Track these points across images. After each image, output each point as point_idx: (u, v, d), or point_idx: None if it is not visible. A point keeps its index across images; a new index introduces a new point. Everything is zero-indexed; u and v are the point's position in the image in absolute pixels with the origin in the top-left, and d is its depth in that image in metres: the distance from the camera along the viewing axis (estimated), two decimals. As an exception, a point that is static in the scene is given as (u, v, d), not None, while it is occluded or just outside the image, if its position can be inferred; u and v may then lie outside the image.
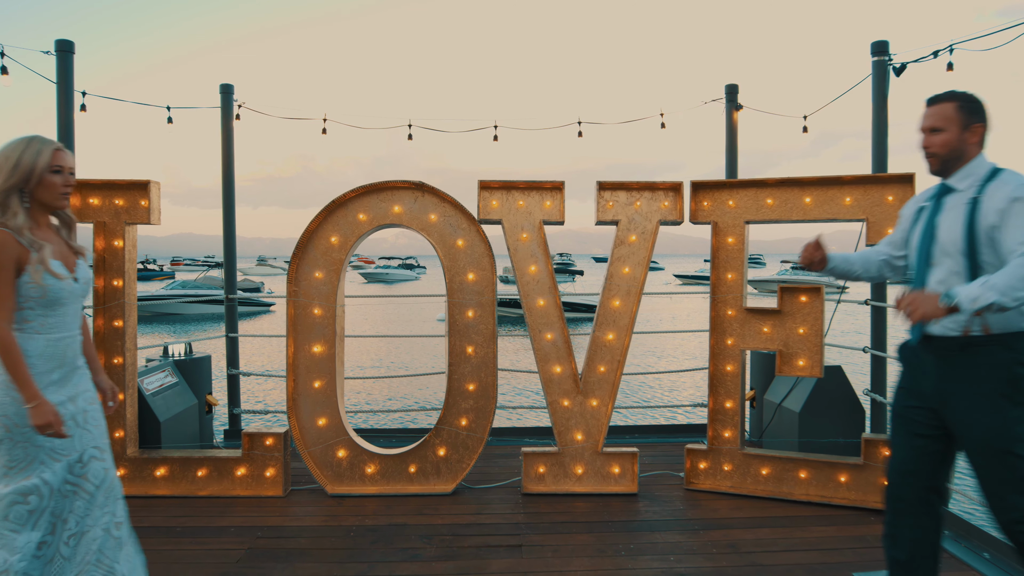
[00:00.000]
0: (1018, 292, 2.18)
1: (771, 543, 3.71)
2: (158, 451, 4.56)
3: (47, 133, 2.62)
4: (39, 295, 2.38)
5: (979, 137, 2.52)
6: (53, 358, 2.44)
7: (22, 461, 2.36)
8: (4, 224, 2.36)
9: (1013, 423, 2.35)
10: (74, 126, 4.49)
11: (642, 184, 4.51)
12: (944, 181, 2.58)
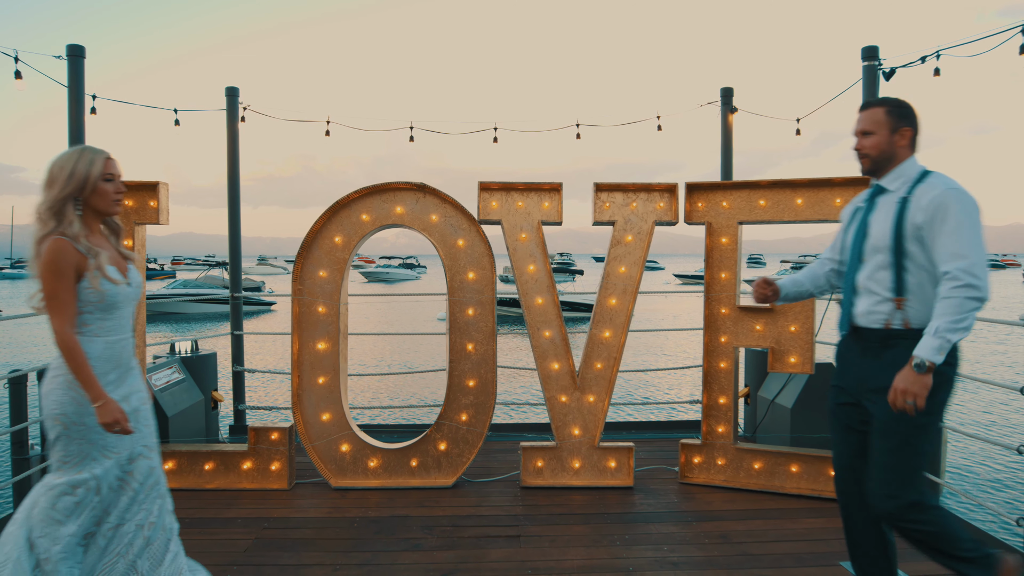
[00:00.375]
0: (964, 323, 2.38)
1: (762, 534, 3.83)
2: (166, 445, 4.68)
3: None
4: (97, 300, 2.49)
5: (908, 140, 2.67)
6: (110, 360, 2.55)
7: (75, 456, 2.48)
8: (62, 232, 2.45)
9: (920, 413, 2.48)
10: (85, 128, 4.60)
11: (638, 185, 4.63)
12: (877, 182, 2.73)
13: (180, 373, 5.32)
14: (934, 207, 2.47)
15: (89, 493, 2.49)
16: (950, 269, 2.41)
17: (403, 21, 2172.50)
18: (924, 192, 2.53)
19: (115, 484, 2.56)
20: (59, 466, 2.51)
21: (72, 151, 2.54)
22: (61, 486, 2.48)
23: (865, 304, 2.67)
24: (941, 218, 2.45)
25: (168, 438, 4.86)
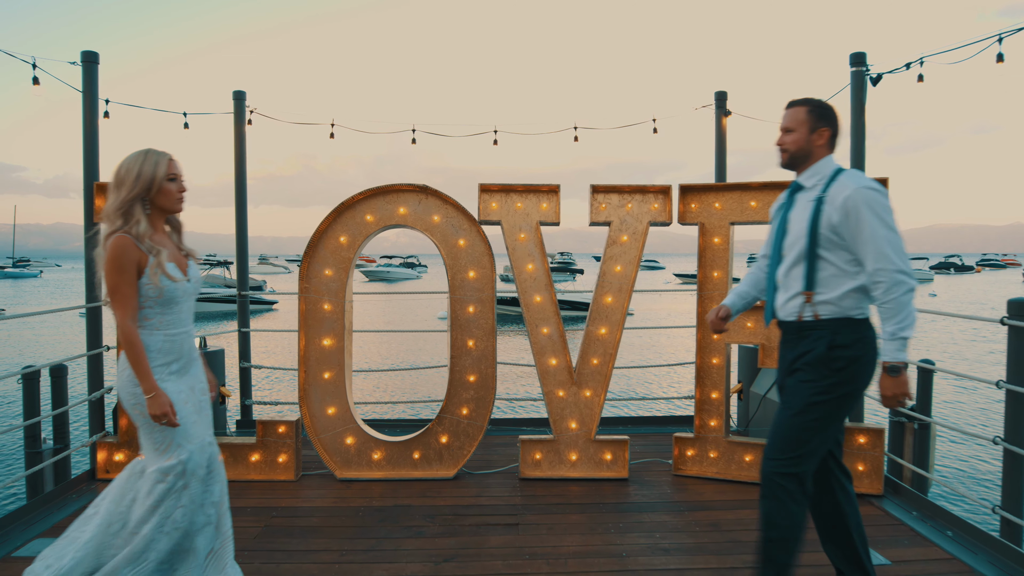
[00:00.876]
0: (910, 318, 2.57)
1: (751, 522, 3.98)
2: (177, 438, 4.83)
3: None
4: (156, 295, 2.63)
5: (825, 140, 2.83)
6: (172, 351, 2.70)
7: (162, 443, 2.63)
8: (127, 231, 2.60)
9: (811, 391, 2.69)
10: (99, 132, 4.76)
11: (633, 187, 4.79)
12: (796, 179, 2.89)
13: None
14: (848, 207, 2.63)
15: (178, 479, 2.63)
16: (879, 272, 2.58)
17: (404, 22, 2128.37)
18: (838, 191, 2.68)
19: (202, 473, 2.70)
20: (154, 454, 2.66)
21: (137, 154, 2.67)
22: (155, 474, 2.63)
23: (782, 298, 2.85)
24: (856, 219, 2.62)
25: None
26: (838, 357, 2.67)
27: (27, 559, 3.50)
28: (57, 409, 4.94)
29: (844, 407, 2.74)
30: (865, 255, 2.63)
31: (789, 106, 2.89)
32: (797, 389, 2.75)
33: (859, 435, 4.43)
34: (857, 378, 2.71)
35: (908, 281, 2.57)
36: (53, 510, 4.19)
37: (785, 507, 2.70)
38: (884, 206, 2.63)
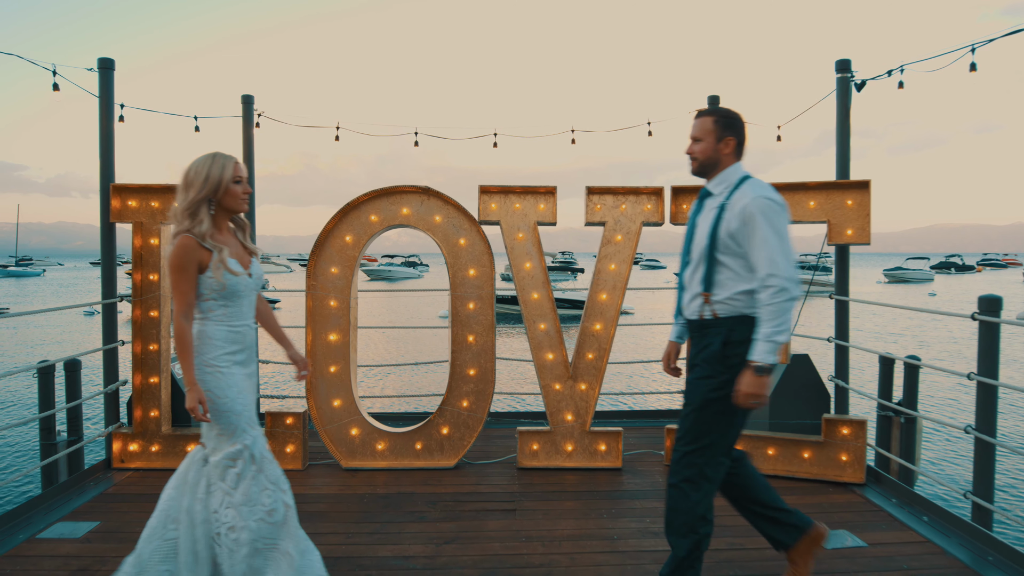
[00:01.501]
0: (784, 326, 2.71)
1: (737, 509, 4.17)
2: (189, 428, 5.04)
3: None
4: (219, 288, 2.78)
5: (732, 148, 2.95)
6: (236, 342, 2.85)
7: (228, 428, 2.79)
8: (190, 231, 2.75)
9: (708, 388, 2.86)
10: (114, 135, 4.96)
11: (627, 189, 4.98)
12: (705, 186, 3.04)
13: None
14: (744, 215, 2.78)
15: (246, 463, 2.78)
16: (765, 277, 2.71)
17: (406, 23, 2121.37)
18: (738, 199, 2.82)
19: (269, 455, 2.87)
20: (217, 443, 2.82)
21: (204, 157, 2.82)
22: (223, 461, 2.78)
23: (687, 297, 3.01)
24: (751, 226, 2.76)
25: (191, 422, 5.22)
26: (732, 354, 2.81)
27: (50, 540, 3.71)
28: (71, 402, 5.14)
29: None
30: (757, 261, 2.75)
31: (698, 116, 3.00)
32: (696, 386, 2.90)
33: (842, 426, 4.63)
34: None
35: (792, 290, 2.70)
36: (72, 496, 4.39)
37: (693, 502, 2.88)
38: (778, 216, 2.76)
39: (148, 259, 4.88)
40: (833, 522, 3.95)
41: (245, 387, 2.87)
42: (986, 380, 3.79)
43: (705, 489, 2.89)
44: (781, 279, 2.69)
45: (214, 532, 2.79)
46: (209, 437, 2.85)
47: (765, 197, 2.78)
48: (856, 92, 4.89)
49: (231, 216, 2.93)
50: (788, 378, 5.29)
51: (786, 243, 2.75)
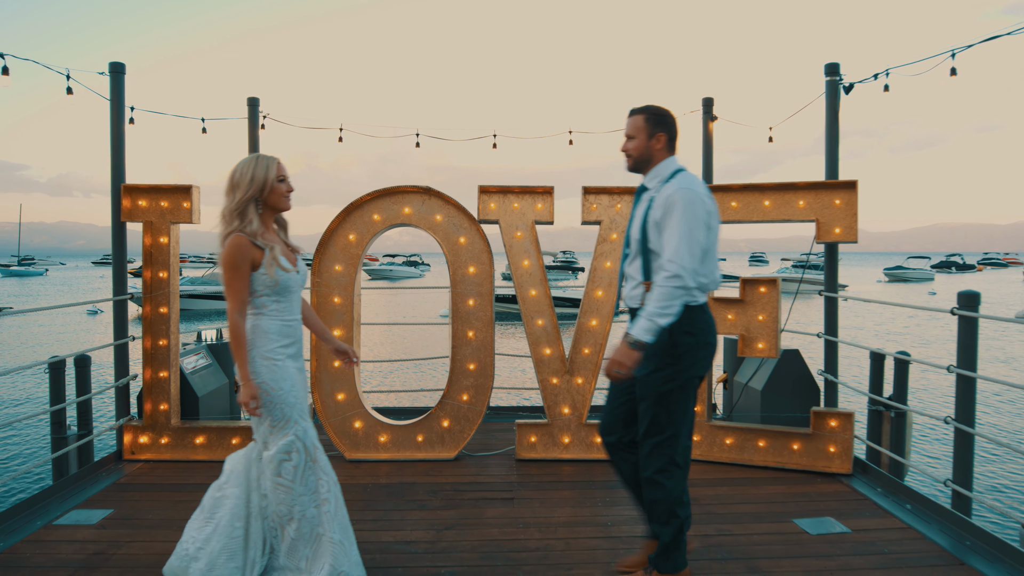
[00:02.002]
0: (669, 311, 2.84)
1: (727, 498, 4.33)
2: (197, 422, 5.20)
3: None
4: (272, 284, 2.91)
5: (663, 144, 3.08)
6: (288, 335, 2.99)
7: (280, 420, 2.92)
8: (242, 230, 2.87)
9: (661, 380, 2.99)
10: (125, 137, 5.11)
11: (623, 189, 5.13)
12: (642, 181, 3.16)
13: (207, 359, 5.84)
14: (666, 205, 2.91)
15: (300, 455, 2.92)
16: (665, 262, 2.86)
17: (408, 24, 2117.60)
18: (664, 191, 2.95)
19: (319, 445, 3.01)
20: (270, 432, 2.94)
21: (249, 159, 2.96)
22: (278, 454, 2.92)
23: (628, 287, 3.13)
24: (668, 215, 2.89)
25: (199, 415, 5.38)
26: (679, 343, 2.94)
27: (67, 527, 3.87)
28: (81, 396, 5.29)
29: (692, 389, 3.04)
30: (665, 245, 2.88)
31: (630, 114, 3.13)
32: (648, 380, 3.00)
33: (831, 419, 4.78)
34: (698, 360, 3.00)
35: (685, 279, 2.82)
36: (86, 486, 4.54)
37: (669, 490, 3.04)
38: (695, 208, 2.87)
39: (158, 257, 5.04)
40: (820, 510, 4.10)
41: (297, 380, 3.00)
42: (965, 372, 3.93)
43: (677, 476, 3.05)
44: (678, 266, 2.82)
45: (272, 524, 2.94)
46: (260, 432, 2.97)
47: (689, 189, 2.90)
48: (844, 95, 5.04)
49: (276, 214, 3.05)
50: (779, 372, 5.45)
51: (695, 235, 2.86)
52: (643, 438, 3.07)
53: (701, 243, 2.89)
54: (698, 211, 2.88)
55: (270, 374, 2.91)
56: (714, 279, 3.03)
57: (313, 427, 3.05)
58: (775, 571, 3.34)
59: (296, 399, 2.97)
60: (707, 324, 3.03)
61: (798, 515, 4.03)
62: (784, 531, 3.81)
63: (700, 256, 2.90)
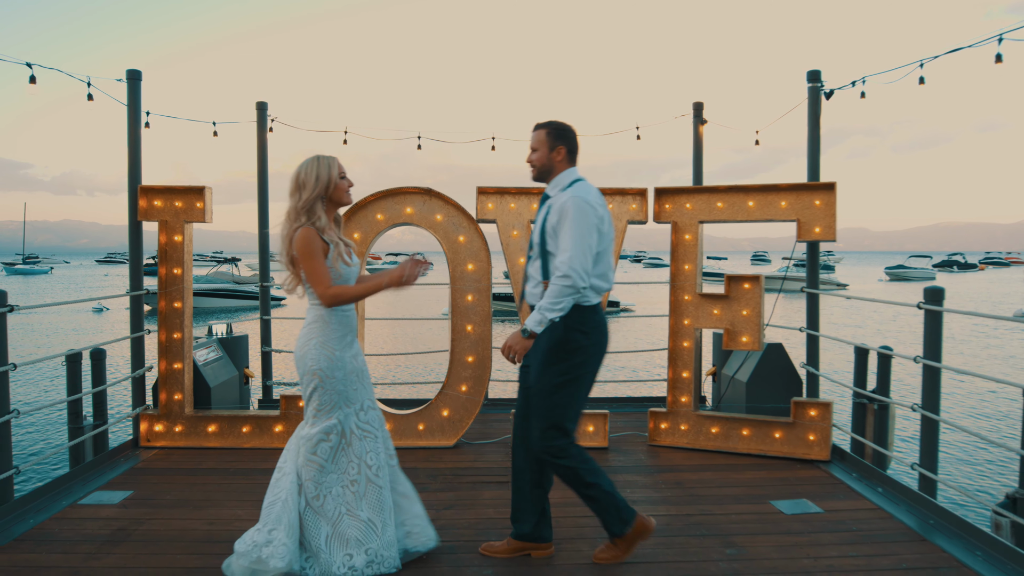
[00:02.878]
0: (558, 307, 3.11)
1: (710, 482, 4.60)
2: (209, 411, 5.47)
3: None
4: (336, 277, 3.17)
5: (563, 156, 3.33)
6: (345, 325, 3.27)
7: (327, 405, 3.20)
8: (312, 224, 3.14)
9: (554, 374, 3.25)
10: (141, 140, 5.38)
11: (614, 190, 5.39)
12: (545, 190, 3.41)
13: (218, 351, 6.12)
14: (561, 212, 3.18)
15: (338, 437, 3.20)
16: (561, 264, 3.12)
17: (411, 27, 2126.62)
18: (560, 199, 3.23)
19: (361, 433, 3.26)
20: (313, 416, 3.22)
21: (311, 160, 3.21)
22: (317, 435, 3.19)
23: (529, 287, 3.38)
24: (562, 221, 3.16)
25: (210, 405, 5.65)
26: (572, 339, 3.22)
27: (91, 506, 4.15)
28: (97, 387, 5.56)
29: (584, 385, 3.31)
30: (560, 247, 3.15)
31: (534, 129, 3.40)
32: (543, 373, 3.27)
33: (810, 409, 5.03)
34: (591, 359, 3.28)
35: (576, 281, 3.07)
36: (105, 470, 4.82)
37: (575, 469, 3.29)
38: (587, 215, 3.13)
39: (172, 255, 5.31)
40: (796, 493, 4.36)
41: (351, 369, 3.26)
42: (930, 363, 4.19)
43: (574, 455, 3.30)
44: (568, 267, 3.08)
45: (302, 497, 3.20)
46: (308, 412, 3.26)
47: (581, 198, 3.16)
48: (826, 100, 5.29)
49: (337, 209, 3.31)
50: (763, 365, 5.71)
51: (586, 240, 3.12)
52: (535, 425, 3.31)
53: (593, 247, 3.15)
54: (589, 218, 3.14)
55: (327, 363, 3.19)
56: (607, 280, 3.30)
57: (354, 415, 3.27)
58: (749, 546, 3.60)
59: (345, 387, 3.23)
60: (598, 324, 3.28)
61: (776, 497, 4.29)
62: (761, 511, 4.07)
63: (593, 259, 3.15)
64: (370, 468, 3.28)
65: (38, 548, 3.58)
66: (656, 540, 3.67)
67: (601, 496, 3.33)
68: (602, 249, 3.25)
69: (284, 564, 3.05)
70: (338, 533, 3.18)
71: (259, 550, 3.09)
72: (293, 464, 3.26)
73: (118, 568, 3.36)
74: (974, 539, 3.60)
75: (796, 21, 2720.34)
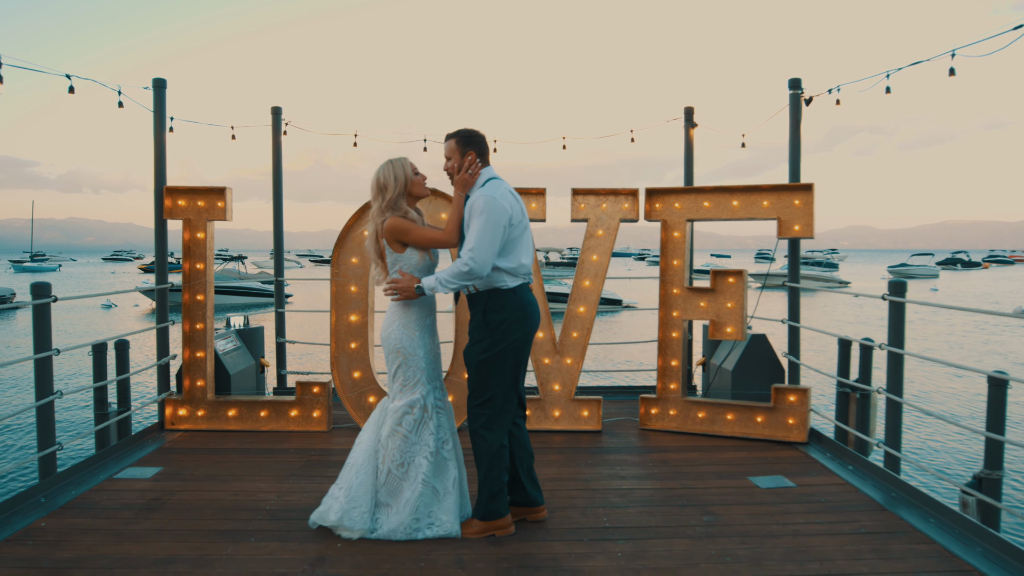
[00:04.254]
0: (452, 283, 3.56)
1: (695, 461, 4.97)
2: (229, 397, 5.86)
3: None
4: (420, 264, 3.67)
5: (474, 159, 3.69)
6: (428, 306, 3.75)
7: (411, 381, 3.66)
8: (404, 215, 3.65)
9: (479, 351, 3.67)
10: (166, 144, 5.77)
11: (607, 190, 5.76)
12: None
13: (236, 342, 6.50)
14: (472, 207, 3.60)
15: (420, 411, 3.64)
16: (465, 250, 3.55)
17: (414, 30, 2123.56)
18: (473, 196, 3.64)
19: (438, 407, 3.72)
20: (401, 389, 3.66)
21: (386, 164, 3.70)
22: (402, 407, 3.65)
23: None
24: (471, 216, 3.58)
25: (230, 391, 6.04)
26: (491, 320, 3.64)
27: (126, 480, 4.54)
28: (121, 375, 5.95)
29: (508, 359, 3.66)
30: (467, 239, 3.57)
31: (446, 139, 3.78)
32: (470, 351, 3.71)
33: (790, 394, 5.40)
34: (509, 335, 3.64)
35: (474, 268, 3.48)
36: (135, 450, 5.21)
37: (484, 448, 3.68)
38: (492, 211, 3.51)
39: (195, 250, 5.70)
40: (773, 470, 4.73)
41: (431, 348, 3.72)
42: (894, 350, 4.55)
43: (497, 430, 3.69)
44: (469, 257, 3.49)
45: (384, 465, 3.63)
46: (393, 388, 3.70)
47: (489, 195, 3.56)
48: (805, 106, 5.65)
49: (416, 203, 3.78)
50: (748, 354, 6.07)
51: (489, 232, 3.50)
52: (468, 399, 3.73)
53: (497, 240, 3.53)
54: (495, 214, 3.52)
55: (409, 342, 3.66)
56: (519, 265, 3.66)
57: (435, 391, 3.74)
58: (724, 514, 3.97)
59: (427, 364, 3.70)
60: (519, 304, 3.66)
61: (754, 474, 4.65)
62: (739, 486, 4.44)
63: (497, 250, 3.55)
64: (443, 441, 3.73)
65: (83, 514, 3.97)
66: (640, 509, 4.05)
67: (494, 480, 3.69)
68: (513, 237, 3.64)
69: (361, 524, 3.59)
70: (413, 497, 3.62)
71: (334, 501, 3.67)
72: (370, 434, 3.72)
73: (157, 530, 3.75)
74: (929, 509, 3.96)
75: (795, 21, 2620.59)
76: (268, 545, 3.57)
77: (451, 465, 3.75)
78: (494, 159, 3.95)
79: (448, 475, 3.72)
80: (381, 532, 3.61)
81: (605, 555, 3.47)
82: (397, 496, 3.65)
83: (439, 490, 3.68)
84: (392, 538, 3.58)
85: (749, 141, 7.00)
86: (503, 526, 3.72)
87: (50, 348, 4.59)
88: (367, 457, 3.69)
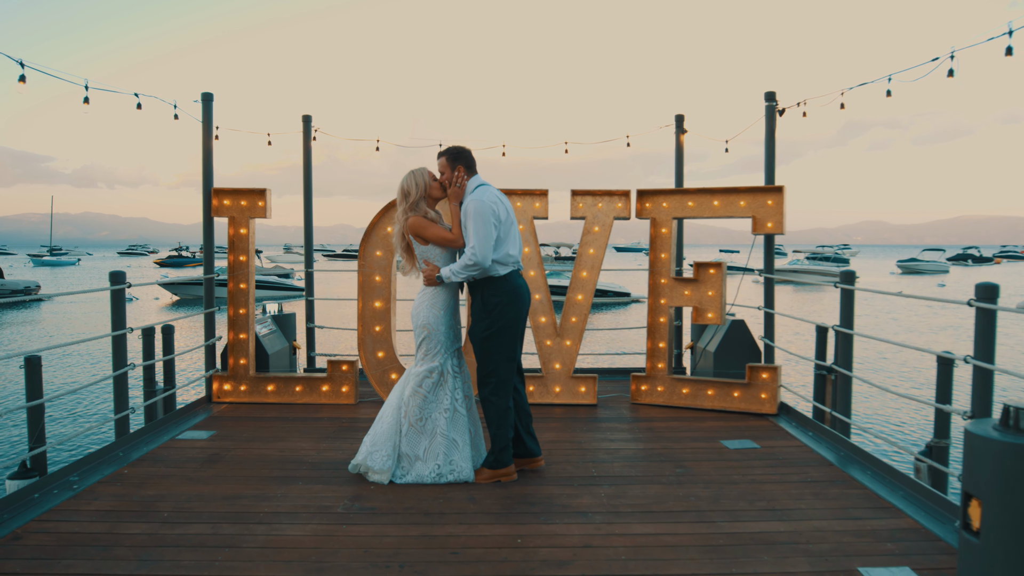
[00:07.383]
0: (461, 273, 4.32)
1: (676, 428, 5.70)
2: (268, 374, 6.63)
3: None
4: (444, 252, 4.44)
5: (463, 172, 4.42)
6: (451, 291, 4.50)
7: (432, 351, 4.43)
8: (424, 215, 4.40)
9: (480, 330, 4.41)
10: (212, 151, 6.53)
11: (602, 191, 6.48)
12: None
13: (272, 327, 7.28)
14: (464, 212, 4.34)
15: (439, 375, 4.41)
16: (467, 249, 4.29)
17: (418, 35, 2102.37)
18: (465, 202, 4.37)
19: (455, 372, 4.47)
20: (422, 359, 4.43)
21: (409, 174, 4.49)
22: (423, 372, 4.41)
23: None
24: (466, 219, 4.31)
25: (269, 369, 6.81)
26: (489, 303, 4.38)
27: (186, 440, 5.32)
28: (166, 356, 6.73)
29: (506, 335, 4.38)
30: (468, 238, 4.30)
31: (437, 157, 4.52)
32: (473, 331, 4.46)
33: (762, 372, 6.11)
34: (505, 315, 4.36)
35: (479, 261, 4.21)
36: (189, 418, 5.98)
37: (492, 415, 4.42)
38: (482, 212, 4.22)
39: (238, 244, 6.46)
40: (744, 435, 5.44)
41: (452, 325, 4.47)
42: (844, 330, 5.26)
43: (502, 394, 4.42)
44: (472, 252, 4.23)
45: (406, 420, 4.39)
46: (418, 356, 4.46)
47: (476, 199, 4.27)
48: (779, 117, 6.34)
49: (435, 204, 4.53)
50: (728, 338, 6.79)
51: (483, 230, 4.21)
52: (477, 372, 4.48)
53: (491, 236, 4.26)
54: (484, 215, 4.25)
55: (434, 319, 4.42)
56: (507, 255, 4.36)
57: (451, 359, 4.48)
58: (695, 468, 4.70)
59: (447, 338, 4.45)
60: (511, 288, 4.39)
61: (726, 439, 5.37)
62: (711, 447, 5.17)
63: (494, 244, 4.27)
64: (458, 400, 4.48)
65: (155, 466, 4.76)
66: (624, 463, 4.79)
67: (501, 437, 4.44)
68: (502, 234, 4.35)
69: (381, 465, 4.36)
70: (432, 447, 4.39)
71: (363, 446, 4.47)
72: (396, 395, 4.50)
73: (220, 476, 4.53)
74: (870, 464, 4.67)
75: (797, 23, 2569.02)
76: (313, 487, 4.34)
77: (466, 420, 4.50)
78: (503, 162, 4.73)
79: (464, 429, 4.47)
80: (410, 478, 4.37)
81: (591, 495, 4.21)
82: (416, 446, 4.40)
83: (458, 441, 4.43)
84: (420, 482, 4.35)
85: (745, 142, 7.65)
86: (508, 474, 4.46)
87: (124, 327, 5.36)
88: (392, 411, 4.46)
